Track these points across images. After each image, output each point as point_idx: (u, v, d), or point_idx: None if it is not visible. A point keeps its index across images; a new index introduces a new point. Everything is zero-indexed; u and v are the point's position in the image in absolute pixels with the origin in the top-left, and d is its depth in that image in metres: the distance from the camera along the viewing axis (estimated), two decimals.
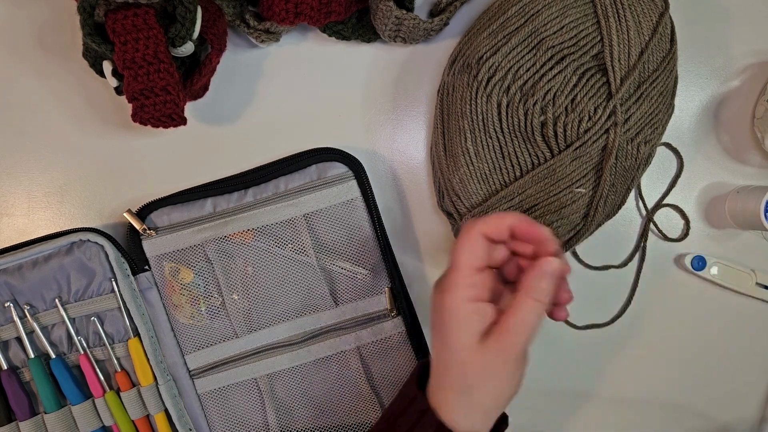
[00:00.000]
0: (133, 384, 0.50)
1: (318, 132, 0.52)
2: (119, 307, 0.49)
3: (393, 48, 0.52)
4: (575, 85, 0.44)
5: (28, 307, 0.49)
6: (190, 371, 0.51)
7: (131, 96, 0.42)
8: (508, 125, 0.45)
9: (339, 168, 0.50)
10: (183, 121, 0.44)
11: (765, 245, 0.54)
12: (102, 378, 0.50)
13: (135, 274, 0.50)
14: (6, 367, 0.49)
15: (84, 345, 0.50)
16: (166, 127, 0.44)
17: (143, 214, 0.50)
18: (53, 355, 0.49)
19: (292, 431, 0.52)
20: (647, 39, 0.44)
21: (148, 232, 0.49)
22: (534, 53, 0.44)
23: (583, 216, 0.47)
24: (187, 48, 0.44)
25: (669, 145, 0.53)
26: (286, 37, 0.51)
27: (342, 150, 0.50)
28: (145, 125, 0.44)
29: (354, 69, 0.52)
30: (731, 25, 0.53)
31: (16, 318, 0.49)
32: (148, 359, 0.50)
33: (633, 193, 0.54)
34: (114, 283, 0.49)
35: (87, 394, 0.50)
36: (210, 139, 0.52)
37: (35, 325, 0.49)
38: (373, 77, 0.52)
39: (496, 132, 0.46)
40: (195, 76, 0.46)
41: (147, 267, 0.50)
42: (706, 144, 0.54)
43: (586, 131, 0.44)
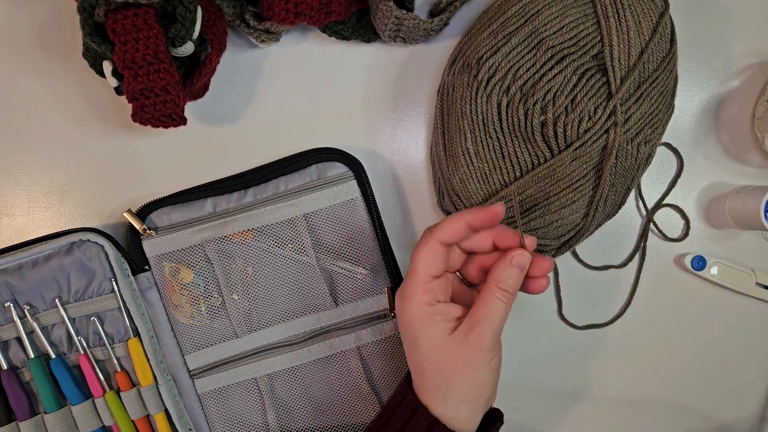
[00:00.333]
0: (133, 384, 0.50)
1: (318, 132, 0.52)
2: (119, 307, 0.49)
3: (393, 48, 0.52)
4: (575, 85, 0.44)
5: (28, 307, 0.49)
6: (190, 371, 0.51)
7: (131, 96, 0.42)
8: (508, 125, 0.45)
9: (339, 168, 0.50)
10: (183, 121, 0.44)
11: (765, 245, 0.54)
12: (102, 378, 0.50)
13: (135, 274, 0.50)
14: (6, 367, 0.49)
15: (84, 345, 0.50)
16: (166, 127, 0.44)
17: (143, 214, 0.50)
18: (53, 355, 0.49)
19: (292, 431, 0.52)
20: (647, 39, 0.44)
21: (148, 232, 0.49)
22: (534, 53, 0.44)
23: (583, 216, 0.46)
24: (187, 48, 0.44)
25: (669, 145, 0.53)
26: (286, 37, 0.51)
27: (342, 150, 0.50)
28: (145, 125, 0.44)
29: (354, 69, 0.52)
30: (731, 25, 0.53)
31: (16, 318, 0.49)
32: (148, 359, 0.50)
33: (633, 193, 0.54)
34: (114, 283, 0.49)
35: (87, 394, 0.50)
36: (210, 139, 0.52)
37: (35, 325, 0.49)
38: (373, 77, 0.52)
39: (496, 132, 0.46)
40: (195, 76, 0.46)
41: (147, 267, 0.50)
42: (706, 144, 0.54)
43: (586, 131, 0.44)
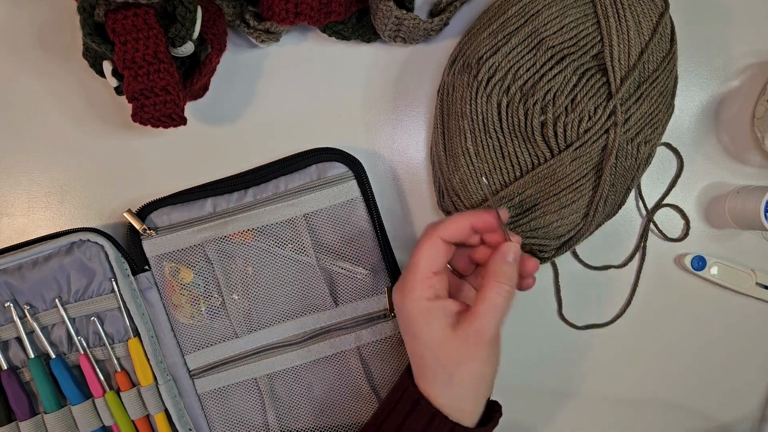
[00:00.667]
0: (133, 384, 0.50)
1: (318, 132, 0.52)
2: (119, 307, 0.49)
3: (393, 48, 0.52)
4: (575, 85, 0.44)
5: (28, 307, 0.49)
6: (190, 371, 0.51)
7: (131, 96, 0.42)
8: (508, 125, 0.45)
9: (339, 168, 0.50)
10: (183, 121, 0.44)
11: (765, 245, 0.54)
12: (102, 378, 0.50)
13: (135, 274, 0.50)
14: (6, 367, 0.49)
15: (84, 345, 0.50)
16: (166, 127, 0.44)
17: (143, 214, 0.50)
18: (53, 355, 0.49)
19: (292, 431, 0.52)
20: (647, 39, 0.44)
21: (148, 232, 0.49)
22: (534, 53, 0.44)
23: (583, 216, 0.47)
24: (187, 48, 0.44)
25: (669, 145, 0.53)
26: (286, 37, 0.51)
27: (342, 150, 0.50)
28: (145, 125, 0.44)
29: (354, 69, 0.52)
30: (731, 25, 0.53)
31: (16, 318, 0.49)
32: (148, 359, 0.50)
33: (633, 193, 0.54)
34: (114, 283, 0.49)
35: (87, 394, 0.50)
36: (210, 139, 0.52)
37: (35, 325, 0.49)
38: (373, 77, 0.52)
39: (496, 132, 0.46)
40: (195, 76, 0.46)
41: (147, 267, 0.50)
42: (706, 144, 0.54)
43: (586, 131, 0.44)
